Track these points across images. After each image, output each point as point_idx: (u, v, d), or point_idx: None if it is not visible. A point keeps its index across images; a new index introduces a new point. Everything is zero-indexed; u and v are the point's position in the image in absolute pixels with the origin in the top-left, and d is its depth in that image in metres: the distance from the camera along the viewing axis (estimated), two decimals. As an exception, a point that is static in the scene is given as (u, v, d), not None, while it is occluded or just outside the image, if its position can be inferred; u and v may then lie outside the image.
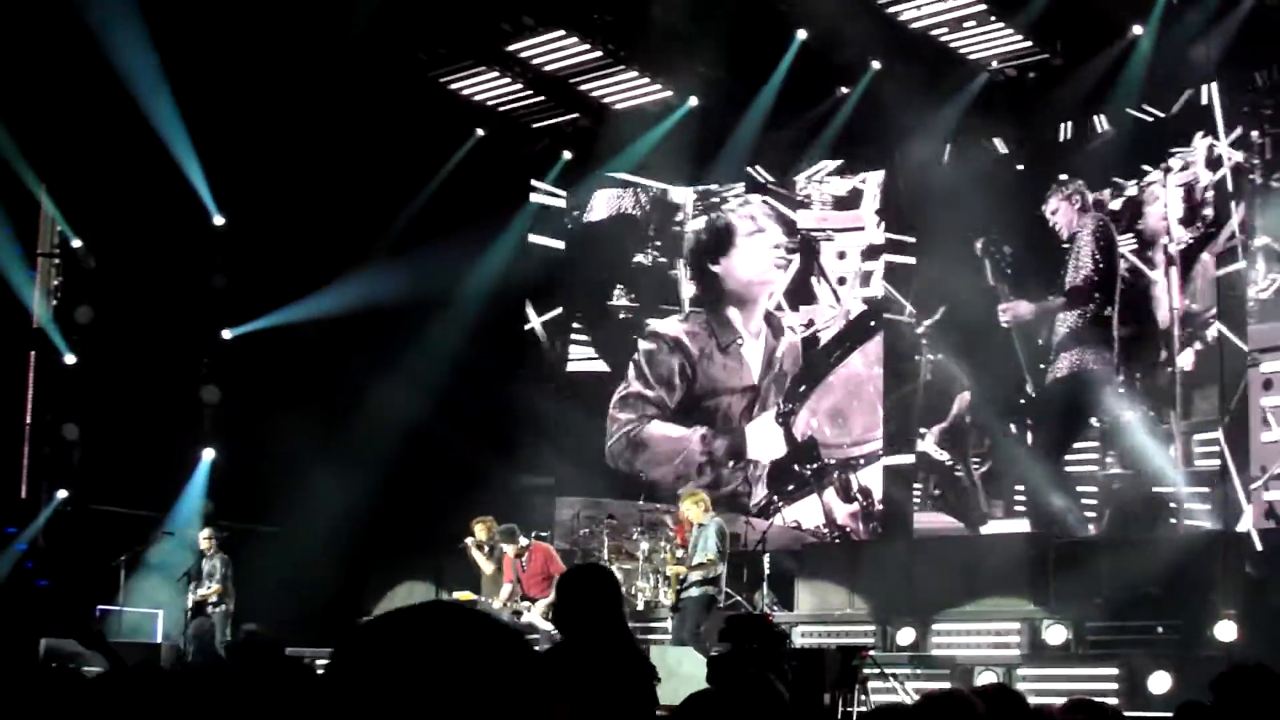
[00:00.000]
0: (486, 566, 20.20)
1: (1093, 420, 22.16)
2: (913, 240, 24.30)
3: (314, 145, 22.95)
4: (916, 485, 23.72)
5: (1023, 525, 22.04)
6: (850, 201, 25.25)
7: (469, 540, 20.22)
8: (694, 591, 18.09)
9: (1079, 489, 22.09)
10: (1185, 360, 21.39)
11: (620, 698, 6.86)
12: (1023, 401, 22.84)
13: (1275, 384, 20.72)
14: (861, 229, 25.08)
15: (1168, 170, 21.86)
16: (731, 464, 25.45)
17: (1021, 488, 22.53)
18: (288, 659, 5.71)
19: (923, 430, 23.64)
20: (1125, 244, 22.26)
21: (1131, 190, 22.21)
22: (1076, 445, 22.25)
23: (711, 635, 17.09)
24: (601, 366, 26.73)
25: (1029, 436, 22.76)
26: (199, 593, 20.90)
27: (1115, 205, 22.39)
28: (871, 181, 25.01)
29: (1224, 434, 20.85)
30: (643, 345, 26.38)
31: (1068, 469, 22.20)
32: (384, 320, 23.81)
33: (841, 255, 25.19)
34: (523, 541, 19.86)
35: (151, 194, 22.67)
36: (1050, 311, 22.69)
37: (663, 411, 26.07)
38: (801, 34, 23.08)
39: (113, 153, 22.28)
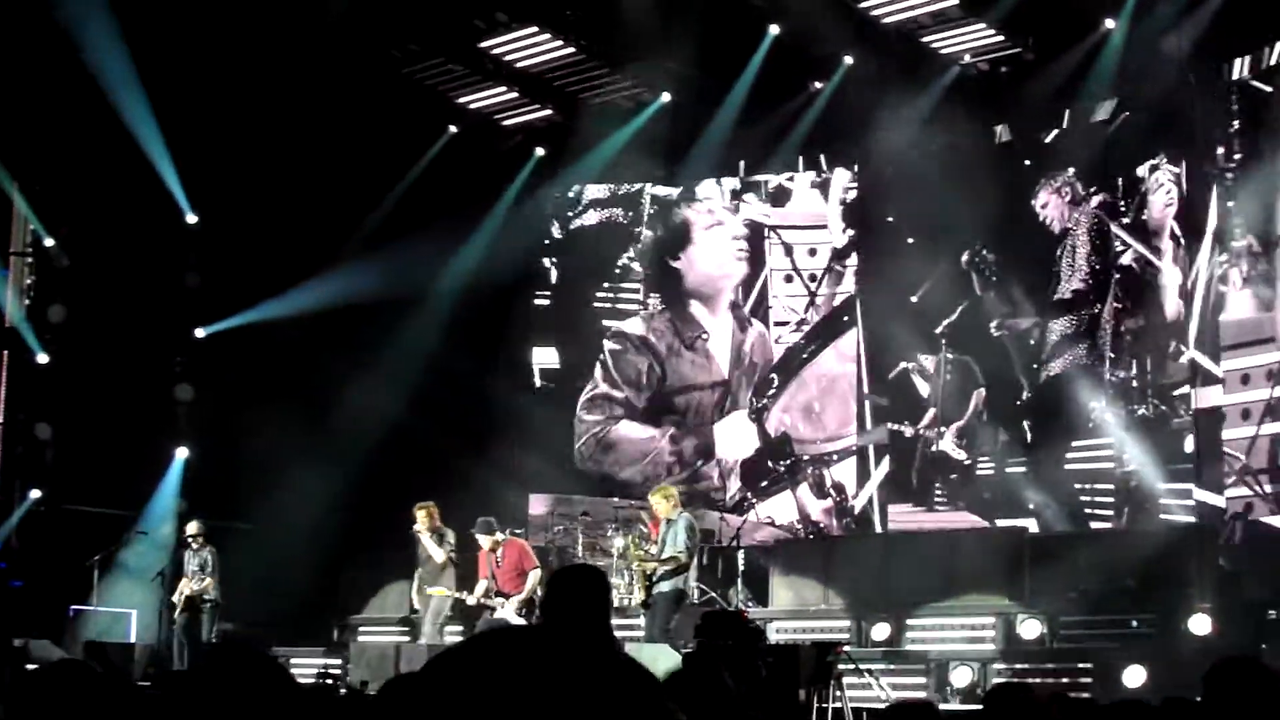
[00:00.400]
0: (437, 554, 19.97)
1: (1090, 418, 22.15)
2: (888, 235, 24.34)
3: (287, 143, 22.91)
4: (937, 485, 23.66)
5: (1030, 523, 21.99)
6: (816, 198, 25.27)
7: (417, 527, 20.03)
8: (664, 587, 18.05)
9: (1097, 485, 22.07)
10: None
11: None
12: (1018, 402, 22.85)
13: (1229, 382, 20.82)
14: (824, 227, 25.13)
15: (1171, 158, 21.87)
16: (700, 463, 25.46)
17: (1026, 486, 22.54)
18: (267, 661, 5.62)
19: (941, 429, 23.62)
20: (1127, 235, 22.25)
21: (1135, 178, 22.18)
22: (1094, 442, 22.20)
23: (684, 631, 17.08)
24: (576, 367, 26.70)
25: (1027, 435, 22.77)
26: (193, 587, 20.74)
27: (1116, 195, 22.38)
28: (843, 178, 25.04)
29: (1197, 428, 20.95)
30: (608, 346, 26.37)
31: (1083, 466, 22.16)
32: (358, 318, 23.77)
33: (812, 252, 25.22)
34: (498, 536, 19.81)
35: (124, 192, 22.62)
36: (1044, 317, 22.72)
37: (630, 412, 26.06)
38: (774, 29, 23.08)
39: (85, 151, 22.23)
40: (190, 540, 21.02)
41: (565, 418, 26.19)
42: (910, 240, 23.98)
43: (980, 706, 6.53)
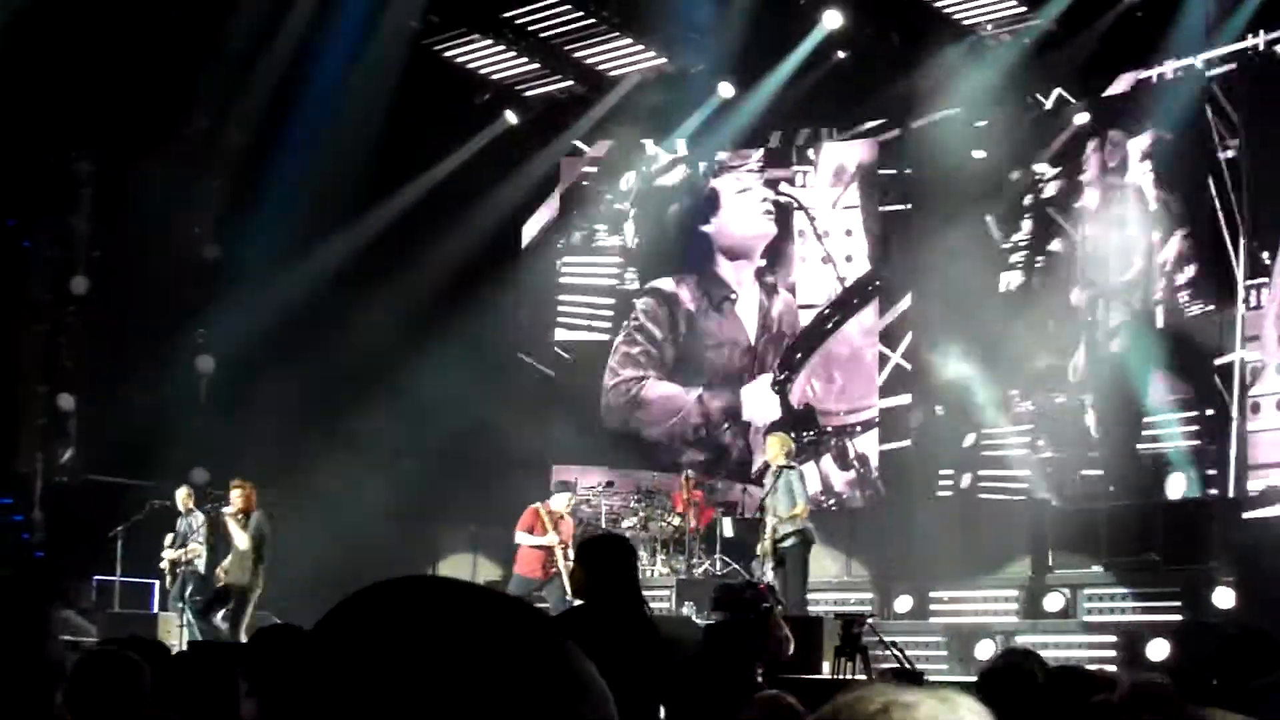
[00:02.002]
0: (240, 540, 18.84)
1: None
2: (908, 208, 24.33)
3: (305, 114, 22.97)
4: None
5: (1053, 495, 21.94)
6: (841, 168, 25.22)
7: (227, 509, 19.07)
8: (789, 542, 17.99)
9: (1120, 457, 21.95)
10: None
11: (626, 663, 6.83)
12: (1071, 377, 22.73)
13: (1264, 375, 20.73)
14: (858, 195, 25.07)
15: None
16: (727, 425, 25.46)
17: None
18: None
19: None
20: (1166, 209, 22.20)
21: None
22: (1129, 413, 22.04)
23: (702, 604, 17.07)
24: (600, 336, 26.66)
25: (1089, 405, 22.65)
26: (175, 552, 20.50)
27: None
28: (869, 148, 24.99)
29: (1224, 405, 20.86)
30: (639, 303, 26.37)
31: (1112, 437, 22.03)
32: (381, 289, 23.72)
33: (838, 222, 25.17)
34: (568, 504, 19.85)
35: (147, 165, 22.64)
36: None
37: (660, 368, 26.09)
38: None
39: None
40: (182, 505, 20.80)
41: (589, 386, 26.16)
42: (942, 208, 23.93)
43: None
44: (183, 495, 20.86)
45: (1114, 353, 22.00)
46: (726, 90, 24.48)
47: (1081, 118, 22.81)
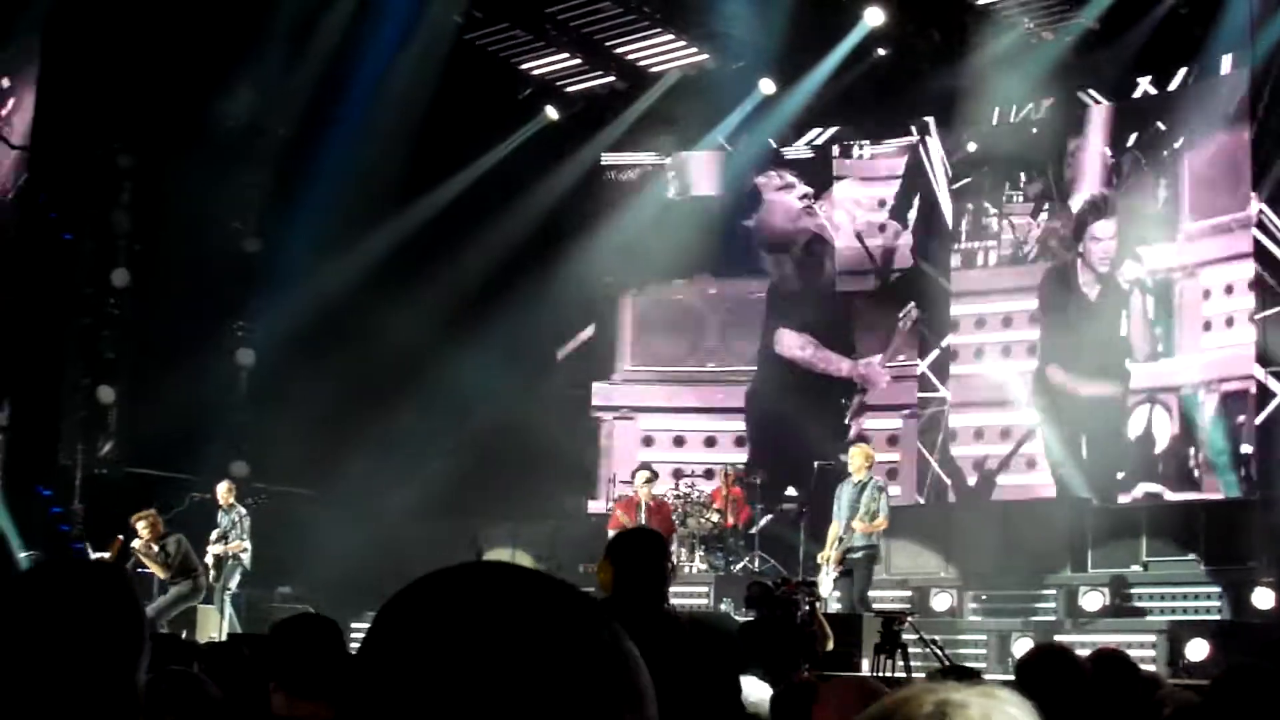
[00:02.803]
0: (162, 573, 18.72)
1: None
2: (948, 204, 24.29)
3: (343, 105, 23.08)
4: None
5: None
6: (880, 167, 25.20)
7: (136, 544, 18.80)
8: (861, 555, 17.97)
9: (1159, 454, 21.89)
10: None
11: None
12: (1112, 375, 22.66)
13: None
14: (896, 192, 25.03)
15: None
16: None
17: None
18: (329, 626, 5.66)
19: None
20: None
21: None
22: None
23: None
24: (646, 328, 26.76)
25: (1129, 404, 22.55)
26: (220, 547, 20.43)
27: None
28: (908, 147, 24.94)
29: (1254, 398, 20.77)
30: (677, 300, 26.44)
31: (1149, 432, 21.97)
32: (420, 284, 23.71)
33: (876, 220, 25.15)
34: (648, 482, 19.82)
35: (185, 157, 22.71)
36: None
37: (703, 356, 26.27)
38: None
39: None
40: (223, 500, 20.78)
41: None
42: (982, 205, 23.88)
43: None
44: (224, 489, 20.87)
45: (1158, 351, 21.94)
46: (768, 87, 24.47)
47: (1125, 115, 22.74)
